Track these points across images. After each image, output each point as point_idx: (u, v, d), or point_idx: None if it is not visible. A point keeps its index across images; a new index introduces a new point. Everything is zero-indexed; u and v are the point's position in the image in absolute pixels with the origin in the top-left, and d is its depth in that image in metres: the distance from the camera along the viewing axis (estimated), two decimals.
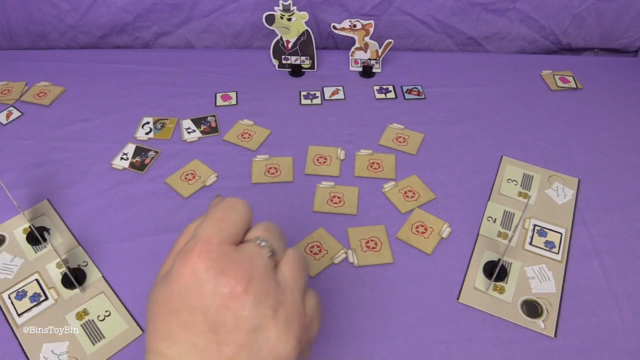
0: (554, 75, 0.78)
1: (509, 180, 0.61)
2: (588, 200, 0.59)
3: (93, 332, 0.47)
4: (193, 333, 0.29)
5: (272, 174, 0.62)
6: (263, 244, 0.31)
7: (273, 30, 0.74)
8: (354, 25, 0.73)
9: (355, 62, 0.78)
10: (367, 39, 0.74)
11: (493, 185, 0.61)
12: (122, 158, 0.64)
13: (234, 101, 0.73)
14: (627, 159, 0.64)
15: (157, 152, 0.65)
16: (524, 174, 0.62)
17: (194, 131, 0.68)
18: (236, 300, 0.29)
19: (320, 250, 0.53)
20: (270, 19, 0.72)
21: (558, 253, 0.53)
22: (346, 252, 0.53)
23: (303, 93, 0.75)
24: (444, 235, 0.55)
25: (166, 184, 0.61)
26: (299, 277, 0.32)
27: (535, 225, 0.56)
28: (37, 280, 0.51)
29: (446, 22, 0.81)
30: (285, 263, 0.32)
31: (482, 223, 0.56)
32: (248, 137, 0.67)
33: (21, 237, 0.55)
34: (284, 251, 0.32)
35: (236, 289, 0.29)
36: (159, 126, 0.69)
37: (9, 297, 0.49)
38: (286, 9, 0.71)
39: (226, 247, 0.31)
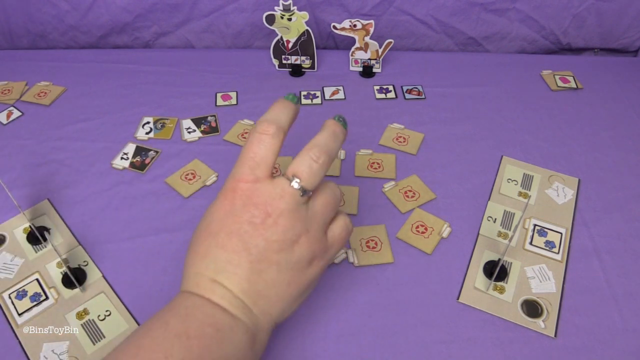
0: (554, 75, 0.78)
1: (509, 180, 0.61)
2: (588, 200, 0.59)
3: (93, 332, 0.47)
4: (228, 252, 0.35)
5: (273, 173, 0.61)
6: (296, 185, 0.36)
7: (273, 30, 0.74)
8: (354, 25, 0.73)
9: (356, 62, 0.78)
10: (367, 39, 0.74)
11: (493, 185, 0.61)
12: (122, 158, 0.64)
13: (234, 101, 0.73)
14: (627, 159, 0.64)
15: (157, 152, 0.65)
16: (524, 173, 0.62)
17: (194, 131, 0.68)
18: (267, 229, 0.35)
19: None
20: (271, 19, 0.72)
21: (558, 253, 0.53)
22: (346, 252, 0.53)
23: (303, 93, 0.75)
24: (444, 235, 0.55)
25: (166, 184, 0.61)
26: (326, 212, 0.38)
27: (535, 225, 0.56)
28: (37, 279, 0.51)
29: (446, 22, 0.81)
30: (319, 198, 0.38)
31: (482, 223, 0.56)
32: None
33: (21, 237, 0.55)
34: (318, 185, 0.38)
35: (267, 221, 0.35)
36: (159, 126, 0.69)
37: (9, 297, 0.50)
38: (286, 9, 0.71)
39: (259, 185, 0.37)
